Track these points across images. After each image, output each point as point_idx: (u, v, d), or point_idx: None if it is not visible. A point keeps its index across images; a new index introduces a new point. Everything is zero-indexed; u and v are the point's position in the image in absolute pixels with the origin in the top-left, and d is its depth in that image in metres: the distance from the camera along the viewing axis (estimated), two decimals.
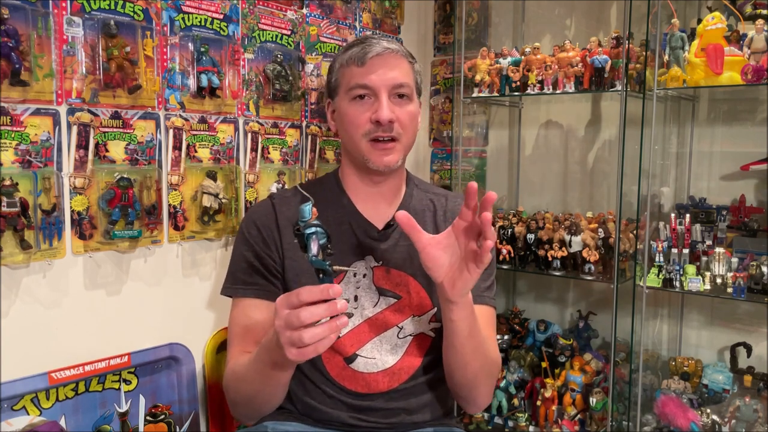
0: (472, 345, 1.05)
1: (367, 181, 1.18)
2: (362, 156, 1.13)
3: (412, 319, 1.15)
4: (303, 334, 0.81)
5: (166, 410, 1.31)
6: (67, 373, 1.16)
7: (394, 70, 1.12)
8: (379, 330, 1.15)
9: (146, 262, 1.30)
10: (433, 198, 1.24)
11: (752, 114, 1.66)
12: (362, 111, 1.12)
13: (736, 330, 1.69)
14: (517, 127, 2.03)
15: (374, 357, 1.14)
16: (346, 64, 1.15)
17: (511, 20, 2.01)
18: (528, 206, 1.98)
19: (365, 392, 1.14)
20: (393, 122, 1.11)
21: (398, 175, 1.21)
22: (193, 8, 1.34)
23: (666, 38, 1.52)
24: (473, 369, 1.09)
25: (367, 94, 1.12)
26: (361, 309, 1.15)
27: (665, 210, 1.74)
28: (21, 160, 1.09)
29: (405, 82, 1.13)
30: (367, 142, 1.12)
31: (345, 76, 1.15)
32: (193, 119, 1.35)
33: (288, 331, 0.82)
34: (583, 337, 1.78)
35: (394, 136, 1.12)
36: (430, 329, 1.17)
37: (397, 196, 1.22)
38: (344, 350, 1.13)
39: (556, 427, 1.65)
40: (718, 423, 1.48)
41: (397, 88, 1.12)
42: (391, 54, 1.13)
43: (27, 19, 1.07)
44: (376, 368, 1.14)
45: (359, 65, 1.12)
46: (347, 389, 1.14)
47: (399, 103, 1.13)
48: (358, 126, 1.12)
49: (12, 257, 1.07)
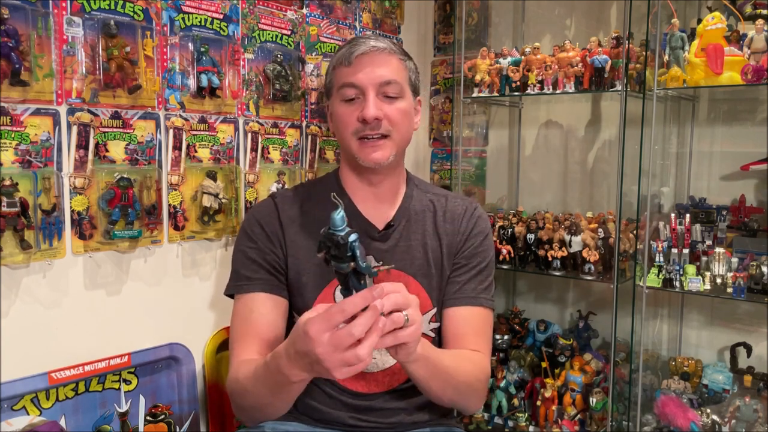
0: (439, 383, 1.04)
1: (365, 181, 1.18)
2: (353, 154, 1.13)
3: None
4: (359, 352, 0.75)
5: (166, 410, 1.31)
6: (67, 373, 1.16)
7: (381, 68, 1.12)
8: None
9: (146, 262, 1.30)
10: (432, 198, 1.24)
11: (752, 114, 1.66)
12: (351, 111, 1.12)
13: (736, 330, 1.69)
14: (517, 127, 2.03)
15: (374, 357, 1.14)
16: (337, 65, 1.15)
17: (511, 20, 2.01)
18: (528, 206, 1.98)
19: (365, 392, 1.14)
20: (380, 120, 1.11)
21: (397, 175, 1.21)
22: (193, 8, 1.34)
23: (666, 38, 1.52)
24: (448, 396, 1.08)
25: (356, 94, 1.12)
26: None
27: (665, 210, 1.74)
28: (21, 160, 1.09)
29: (393, 79, 1.12)
30: (356, 141, 1.12)
31: (335, 77, 1.16)
32: (193, 119, 1.35)
33: (339, 353, 0.76)
34: (583, 337, 1.78)
35: (384, 133, 1.12)
36: (429, 329, 1.18)
37: (396, 196, 1.22)
38: None
39: (556, 427, 1.65)
40: (718, 423, 1.48)
41: (385, 85, 1.11)
42: (377, 52, 1.12)
43: (27, 19, 1.07)
44: (377, 368, 1.14)
45: (347, 65, 1.12)
46: (347, 389, 1.14)
47: (388, 101, 1.13)
48: (347, 125, 1.13)
49: (12, 257, 1.07)
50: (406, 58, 1.19)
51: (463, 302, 1.17)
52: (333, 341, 0.76)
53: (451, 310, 1.17)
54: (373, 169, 1.14)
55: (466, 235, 1.20)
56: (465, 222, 1.21)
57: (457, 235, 1.20)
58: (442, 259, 1.18)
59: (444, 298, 1.18)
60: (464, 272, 1.18)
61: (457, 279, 1.18)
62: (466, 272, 1.19)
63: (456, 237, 1.20)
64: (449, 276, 1.19)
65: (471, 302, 1.17)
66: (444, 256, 1.18)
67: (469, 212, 1.23)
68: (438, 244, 1.19)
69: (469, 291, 1.17)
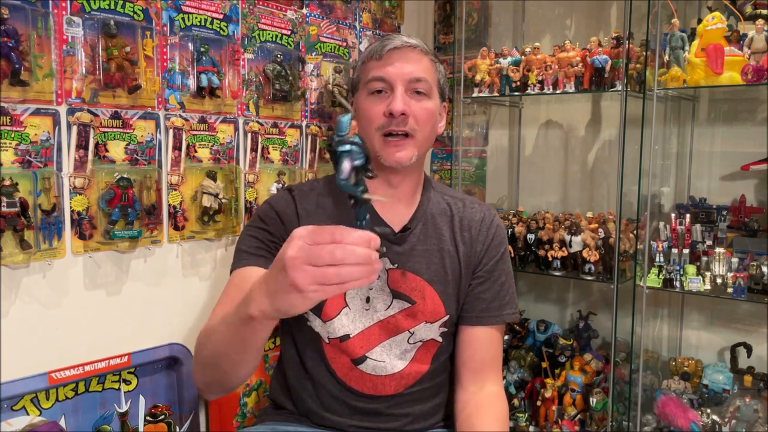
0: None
1: (384, 181, 1.14)
2: (375, 152, 1.09)
3: (425, 325, 1.13)
4: (329, 271, 0.68)
5: (166, 410, 1.31)
6: (67, 373, 1.16)
7: (412, 64, 1.09)
8: (390, 333, 1.12)
9: (146, 262, 1.30)
10: (450, 201, 1.21)
11: (752, 114, 1.66)
12: (377, 104, 1.09)
13: (736, 330, 1.69)
14: (517, 127, 2.03)
15: (383, 360, 1.12)
16: (366, 60, 1.12)
17: (511, 20, 2.01)
18: (528, 206, 1.98)
19: (372, 394, 1.12)
20: (407, 115, 1.07)
21: (415, 177, 1.18)
22: (193, 8, 1.34)
23: (666, 38, 1.52)
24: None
25: (384, 87, 1.09)
26: (373, 311, 1.12)
27: (665, 210, 1.74)
28: (21, 160, 1.09)
29: (423, 77, 1.09)
30: (381, 137, 1.09)
31: (364, 71, 1.13)
32: (192, 119, 1.35)
33: (308, 266, 0.69)
34: (584, 338, 1.78)
35: (408, 131, 1.08)
36: (439, 334, 1.15)
37: (414, 198, 1.18)
38: (353, 351, 1.11)
39: (556, 427, 1.65)
40: (718, 423, 1.48)
41: (414, 82, 1.08)
42: (409, 48, 1.10)
43: (27, 19, 1.07)
44: (385, 372, 1.12)
45: (377, 59, 1.09)
46: (354, 390, 1.12)
47: (416, 98, 1.09)
48: (372, 119, 1.09)
49: (12, 257, 1.07)
50: (437, 60, 1.16)
51: (489, 321, 1.14)
52: (311, 251, 0.69)
53: (477, 330, 1.14)
54: (393, 169, 1.10)
55: (486, 246, 1.17)
56: (484, 231, 1.17)
57: (476, 245, 1.16)
58: (459, 267, 1.15)
59: (467, 314, 1.15)
60: (488, 287, 1.15)
61: (482, 296, 1.15)
62: (490, 286, 1.15)
63: (475, 247, 1.16)
64: (471, 289, 1.15)
65: (496, 321, 1.15)
66: (462, 264, 1.15)
67: (488, 221, 1.19)
68: (455, 251, 1.15)
69: (495, 309, 1.15)
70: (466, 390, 1.14)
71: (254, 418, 1.46)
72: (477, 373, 1.14)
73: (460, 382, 1.15)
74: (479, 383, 1.13)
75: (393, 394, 1.13)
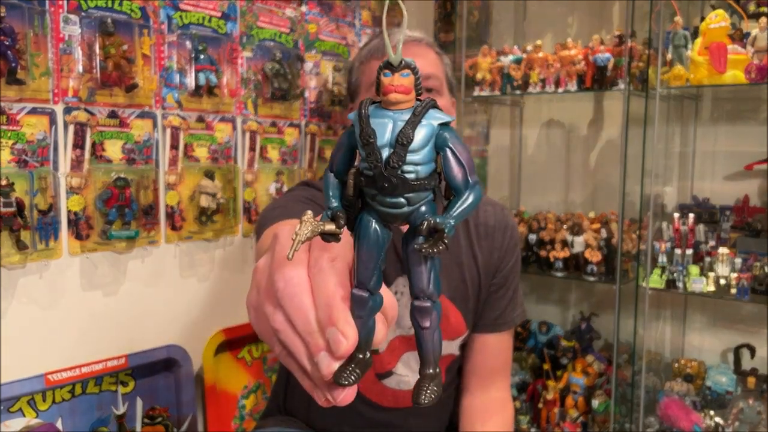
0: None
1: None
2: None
3: (446, 342, 1.09)
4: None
5: (164, 413, 1.30)
6: (64, 374, 1.15)
7: (419, 60, 1.04)
8: (409, 347, 1.08)
9: (143, 263, 1.29)
10: None
11: (756, 113, 1.64)
12: None
13: (739, 331, 1.68)
14: (519, 126, 2.01)
15: (407, 375, 1.08)
16: (366, 60, 1.07)
17: (513, 18, 2.00)
18: (529, 206, 1.96)
19: (390, 406, 1.08)
20: None
21: None
22: (191, 6, 1.33)
23: (669, 36, 1.51)
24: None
25: None
26: (397, 325, 1.07)
27: (668, 210, 1.72)
28: (17, 160, 1.08)
29: (432, 73, 1.03)
30: None
31: (365, 72, 1.08)
32: (190, 118, 1.34)
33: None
34: (585, 339, 1.77)
35: None
36: (457, 348, 1.12)
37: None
38: (381, 366, 1.07)
39: (558, 429, 1.63)
40: (722, 425, 1.47)
41: (425, 79, 1.00)
42: (414, 42, 1.05)
43: (23, 17, 1.06)
44: (408, 386, 1.08)
45: (380, 57, 1.04)
46: (371, 401, 1.08)
47: (427, 95, 1.06)
48: None
49: (8, 258, 1.06)
50: (442, 53, 1.10)
51: (502, 328, 1.12)
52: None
53: (489, 337, 1.11)
54: None
55: (504, 251, 1.12)
56: (500, 236, 1.13)
57: (495, 252, 1.12)
58: (479, 279, 1.10)
59: (480, 322, 1.12)
60: (503, 293, 1.12)
61: (498, 303, 1.12)
62: (505, 293, 1.12)
63: (493, 254, 1.11)
64: (487, 297, 1.11)
65: (508, 326, 1.12)
66: (481, 276, 1.10)
67: (503, 224, 1.14)
68: (474, 263, 1.10)
69: (508, 315, 1.12)
70: (473, 395, 1.12)
71: (253, 421, 1.46)
72: (485, 380, 1.12)
73: (467, 388, 1.13)
74: (486, 389, 1.12)
75: (411, 406, 1.11)
